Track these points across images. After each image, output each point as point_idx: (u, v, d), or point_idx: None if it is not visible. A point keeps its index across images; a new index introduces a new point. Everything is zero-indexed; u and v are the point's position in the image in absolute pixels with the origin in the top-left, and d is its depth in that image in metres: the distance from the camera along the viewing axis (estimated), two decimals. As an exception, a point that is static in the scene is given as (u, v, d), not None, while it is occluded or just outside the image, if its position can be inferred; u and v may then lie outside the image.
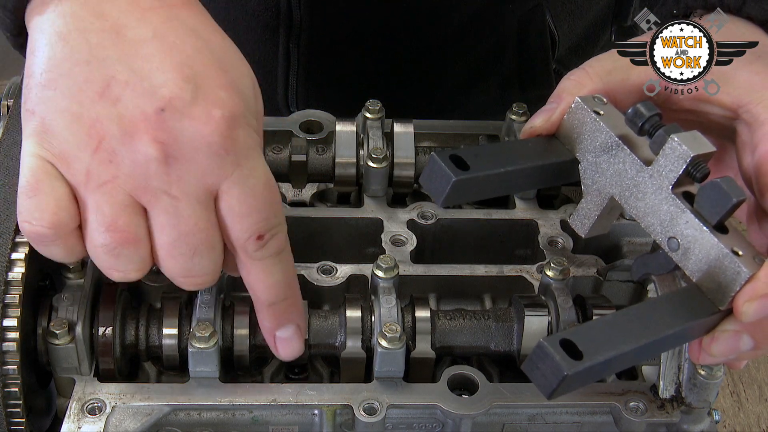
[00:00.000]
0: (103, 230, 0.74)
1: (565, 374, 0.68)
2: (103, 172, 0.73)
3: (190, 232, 0.75)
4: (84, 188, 0.74)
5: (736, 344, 0.78)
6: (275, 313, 0.83)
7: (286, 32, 1.28)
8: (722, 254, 0.76)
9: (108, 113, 0.73)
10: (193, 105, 0.73)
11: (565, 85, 0.87)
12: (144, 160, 0.73)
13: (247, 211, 0.76)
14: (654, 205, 0.79)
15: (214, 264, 0.78)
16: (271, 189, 0.78)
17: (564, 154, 0.84)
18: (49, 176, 0.75)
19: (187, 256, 0.76)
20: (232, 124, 0.75)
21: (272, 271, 0.80)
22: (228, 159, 0.75)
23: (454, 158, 0.78)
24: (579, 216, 0.85)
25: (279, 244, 0.80)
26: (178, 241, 0.75)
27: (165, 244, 0.76)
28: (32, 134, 0.76)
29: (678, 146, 0.77)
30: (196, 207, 0.75)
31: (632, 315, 0.75)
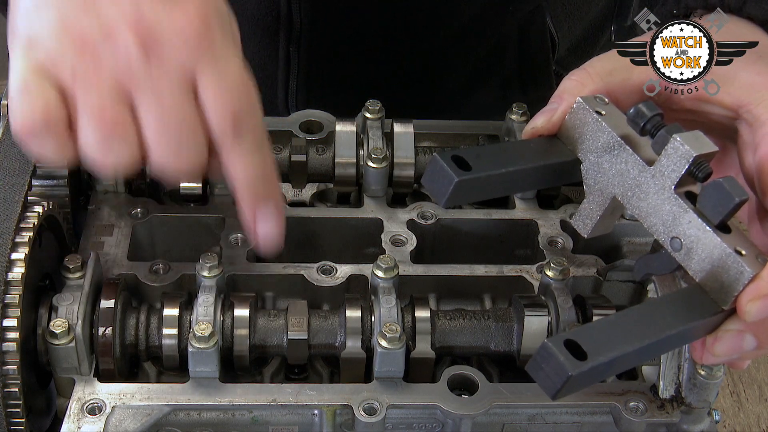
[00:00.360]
0: (92, 122, 0.78)
1: (570, 375, 0.68)
2: (88, 69, 0.78)
3: (173, 116, 0.79)
4: (71, 86, 0.78)
5: (740, 344, 0.78)
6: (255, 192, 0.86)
7: (287, 36, 1.28)
8: (725, 254, 0.76)
9: (91, 22, 0.78)
10: (170, 3, 0.79)
11: (566, 85, 0.87)
12: (125, 53, 0.78)
13: (222, 99, 0.81)
14: (656, 205, 0.79)
15: (199, 150, 0.81)
16: (247, 83, 0.83)
17: (566, 154, 0.84)
18: (37, 78, 0.79)
19: (174, 140, 0.80)
20: (207, 19, 0.80)
21: (251, 149, 0.84)
22: (203, 50, 0.80)
23: (456, 159, 0.77)
24: (581, 216, 0.85)
25: (256, 133, 0.84)
26: (163, 126, 0.79)
27: (152, 131, 0.80)
28: (19, 49, 0.80)
29: (680, 146, 0.77)
30: (176, 93, 0.79)
31: (636, 315, 0.75)
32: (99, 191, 1.03)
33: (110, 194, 1.03)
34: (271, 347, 0.91)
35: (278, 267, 0.98)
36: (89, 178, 1.03)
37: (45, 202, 0.89)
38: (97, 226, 1.00)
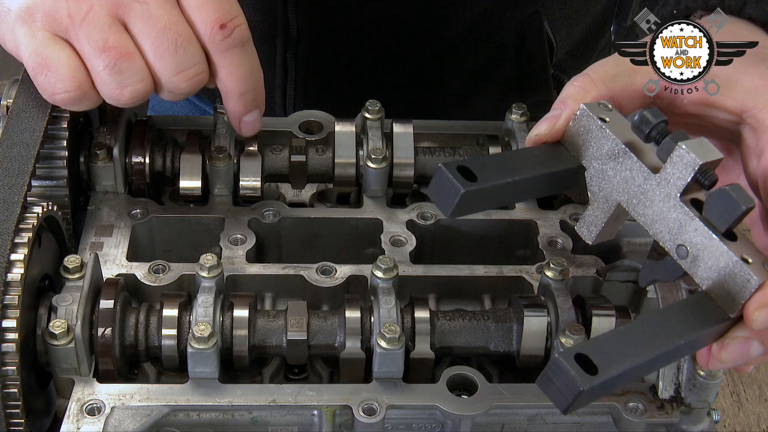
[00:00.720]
0: (99, 53, 0.86)
1: (581, 390, 0.68)
2: (81, 7, 0.86)
3: (165, 27, 0.87)
4: (73, 30, 0.86)
5: (746, 351, 0.78)
6: (244, 102, 0.95)
7: (284, 43, 1.28)
8: (732, 262, 0.76)
9: None
10: None
11: (569, 90, 0.87)
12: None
13: (202, 3, 0.88)
14: (662, 212, 0.79)
15: (199, 54, 0.89)
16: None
17: (570, 161, 0.83)
18: (49, 46, 0.87)
19: (172, 50, 0.87)
20: None
21: (240, 61, 0.92)
22: None
23: (461, 169, 0.77)
24: (586, 223, 0.85)
25: (242, 34, 0.91)
26: (159, 38, 0.87)
27: (150, 47, 0.87)
28: (18, 19, 0.88)
29: (686, 154, 0.77)
30: (164, 5, 0.87)
31: (644, 325, 0.75)
32: (99, 192, 1.03)
33: (110, 194, 1.03)
34: (270, 348, 0.91)
35: (278, 267, 0.98)
36: (89, 179, 1.03)
37: (44, 202, 0.89)
38: (97, 227, 1.00)
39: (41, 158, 0.93)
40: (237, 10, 0.91)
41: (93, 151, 1.01)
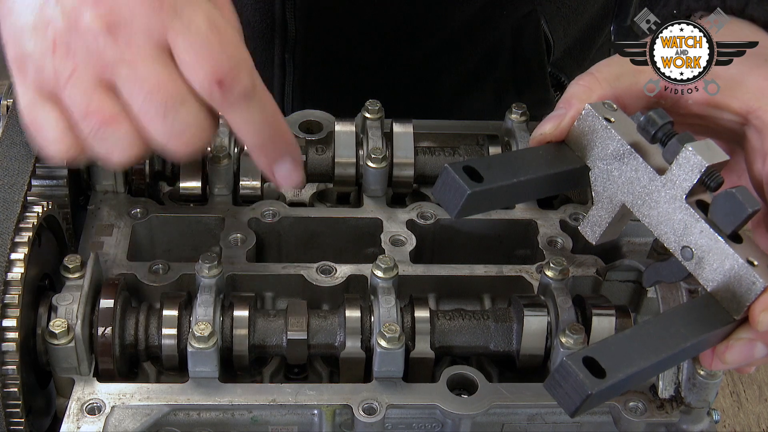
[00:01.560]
0: (82, 118, 0.80)
1: (590, 393, 0.68)
2: (66, 66, 0.79)
3: (153, 90, 0.78)
4: (59, 90, 0.80)
5: (751, 352, 0.78)
6: (266, 153, 0.86)
7: (282, 43, 1.28)
8: (737, 264, 0.76)
9: (53, 12, 0.79)
10: None
11: (573, 90, 0.86)
12: (93, 39, 0.78)
13: (196, 60, 0.79)
14: (667, 213, 0.79)
15: (193, 116, 0.80)
16: (218, 31, 0.79)
17: (574, 161, 0.83)
18: (38, 106, 0.81)
19: (160, 114, 0.79)
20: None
21: (249, 114, 0.83)
22: (164, 10, 0.78)
23: (467, 170, 0.77)
24: (590, 223, 0.85)
25: (243, 86, 0.81)
26: (146, 103, 0.78)
27: (139, 112, 0.79)
28: (14, 62, 0.82)
29: (692, 156, 0.77)
30: (153, 66, 0.78)
31: (651, 328, 0.75)
32: (99, 191, 1.03)
33: (110, 194, 1.03)
34: (270, 347, 0.91)
35: (278, 267, 0.98)
36: (88, 178, 1.03)
37: (44, 202, 0.89)
38: (97, 226, 1.00)
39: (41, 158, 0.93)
40: (237, 58, 0.80)
41: (93, 150, 1.01)
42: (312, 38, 1.27)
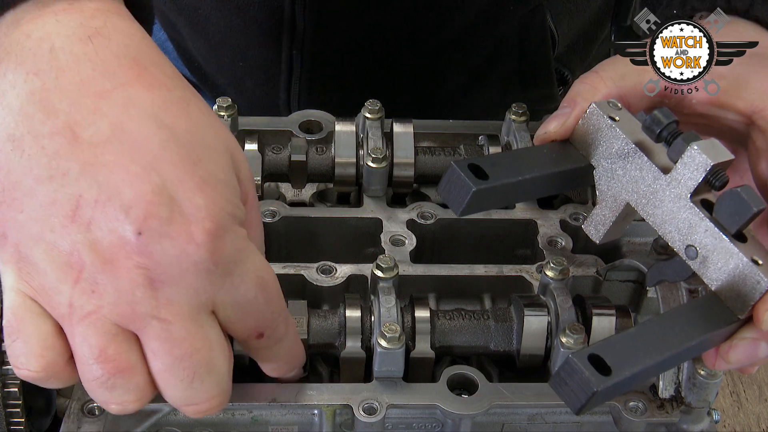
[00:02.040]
0: (92, 362, 0.69)
1: (595, 390, 0.68)
2: (86, 304, 0.68)
3: (186, 355, 0.70)
4: (69, 321, 0.69)
5: (755, 352, 0.78)
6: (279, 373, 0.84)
7: (289, 40, 1.28)
8: (742, 263, 0.76)
9: (83, 240, 0.68)
10: (171, 223, 0.68)
11: (578, 88, 0.86)
12: (128, 287, 0.68)
13: (243, 317, 0.73)
14: (672, 212, 0.79)
15: (218, 386, 0.73)
16: (266, 287, 0.74)
17: (579, 159, 0.84)
18: (32, 314, 0.70)
19: (187, 381, 0.71)
20: (217, 235, 0.69)
21: (277, 355, 0.80)
22: (218, 272, 0.70)
23: (473, 167, 0.77)
24: (593, 222, 0.85)
25: (278, 333, 0.78)
26: (174, 367, 0.70)
27: (161, 371, 0.71)
28: (9, 263, 0.70)
29: (697, 155, 0.77)
30: (190, 328, 0.70)
31: (655, 327, 0.75)
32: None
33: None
34: (270, 347, 0.91)
35: (278, 267, 0.98)
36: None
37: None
38: (97, 226, 1.00)
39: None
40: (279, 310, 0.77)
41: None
42: (320, 35, 1.28)
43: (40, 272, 0.69)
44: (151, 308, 0.69)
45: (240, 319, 0.73)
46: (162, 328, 0.69)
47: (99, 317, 0.69)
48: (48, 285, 0.69)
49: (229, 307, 0.72)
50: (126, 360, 0.70)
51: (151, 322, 0.69)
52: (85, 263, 0.68)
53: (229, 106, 1.05)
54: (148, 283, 0.68)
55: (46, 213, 0.68)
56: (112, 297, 0.68)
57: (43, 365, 0.70)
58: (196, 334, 0.70)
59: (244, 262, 0.72)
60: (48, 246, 0.68)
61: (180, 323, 0.69)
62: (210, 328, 0.71)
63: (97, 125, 0.68)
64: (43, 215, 0.68)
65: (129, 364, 0.70)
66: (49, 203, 0.68)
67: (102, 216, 0.67)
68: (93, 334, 0.69)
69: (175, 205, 0.68)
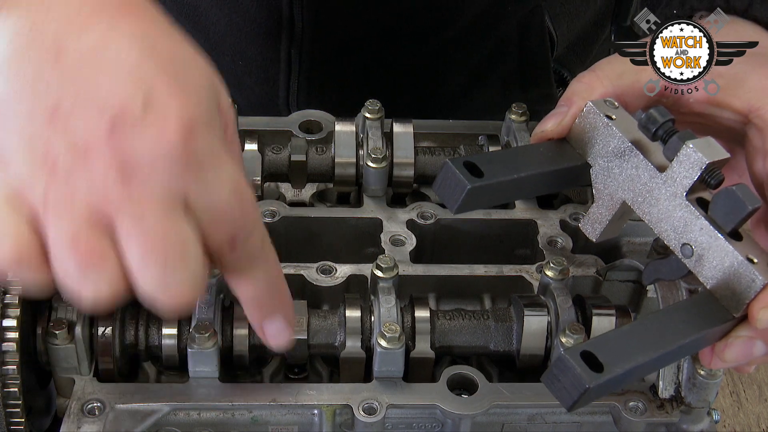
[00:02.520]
0: (65, 249, 0.70)
1: (587, 387, 0.68)
2: (60, 195, 0.69)
3: (158, 243, 0.70)
4: (44, 212, 0.70)
5: (750, 350, 0.78)
6: (260, 309, 0.81)
7: (288, 38, 1.28)
8: (737, 262, 0.76)
9: (59, 136, 0.69)
10: (144, 117, 0.69)
11: (575, 87, 0.87)
12: (101, 178, 0.69)
13: (215, 221, 0.73)
14: (667, 211, 0.79)
15: (192, 277, 0.72)
16: (240, 193, 0.74)
17: (575, 158, 0.84)
18: (6, 204, 0.70)
19: (159, 269, 0.71)
20: (189, 133, 0.70)
21: (251, 273, 0.78)
22: (189, 169, 0.71)
23: (468, 165, 0.77)
24: (590, 220, 0.85)
25: (254, 246, 0.77)
26: (147, 254, 0.70)
27: (135, 258, 0.70)
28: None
29: (693, 153, 0.77)
30: (162, 217, 0.70)
31: (649, 324, 0.75)
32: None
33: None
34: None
35: (278, 267, 0.98)
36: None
37: (45, 202, 0.89)
38: (97, 226, 1.00)
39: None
40: (253, 220, 0.75)
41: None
42: (319, 34, 1.28)
43: (16, 166, 0.70)
44: (123, 199, 0.70)
45: (213, 222, 0.73)
46: (135, 219, 0.70)
47: (72, 205, 0.69)
48: (23, 177, 0.70)
49: (202, 208, 0.72)
50: (99, 249, 0.70)
51: (124, 213, 0.70)
52: (60, 156, 0.69)
53: (229, 106, 1.05)
54: (120, 175, 0.69)
55: (25, 118, 0.70)
56: (86, 188, 0.69)
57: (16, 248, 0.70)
58: (169, 225, 0.70)
59: (218, 167, 0.73)
60: (24, 144, 0.70)
61: (152, 214, 0.70)
62: (183, 223, 0.71)
63: (82, 41, 0.71)
64: (21, 121, 0.70)
65: (102, 253, 0.70)
66: (28, 111, 0.70)
67: (78, 115, 0.69)
68: (67, 223, 0.69)
69: (150, 102, 0.70)
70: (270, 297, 0.80)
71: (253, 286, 0.78)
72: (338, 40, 1.30)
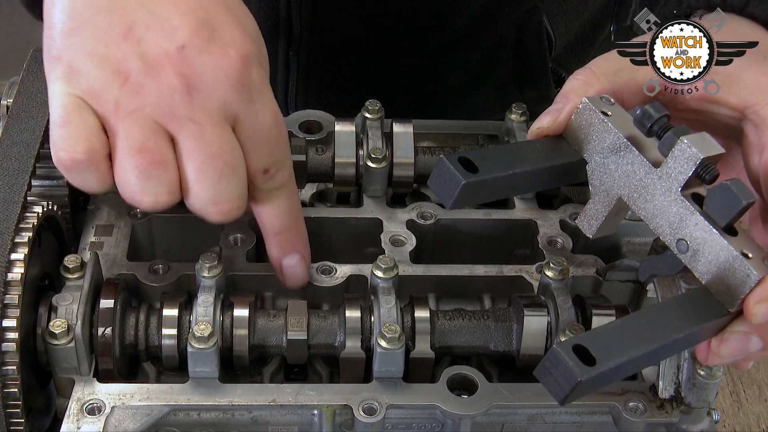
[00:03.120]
0: (133, 152, 0.79)
1: (579, 380, 0.68)
2: (131, 102, 0.79)
3: (215, 155, 0.80)
4: (114, 117, 0.79)
5: (746, 345, 0.78)
6: (281, 242, 0.91)
7: (286, 40, 1.28)
8: (732, 257, 0.76)
9: (133, 52, 0.79)
10: (210, 43, 0.80)
11: (571, 84, 0.87)
12: (169, 91, 0.79)
13: (256, 146, 0.83)
14: (663, 206, 0.80)
15: (240, 188, 0.83)
16: (279, 126, 0.85)
17: (571, 154, 0.84)
18: (79, 109, 0.79)
19: (215, 179, 0.81)
20: (246, 62, 0.81)
21: (277, 202, 0.88)
22: (243, 92, 0.81)
23: (462, 161, 0.77)
24: (586, 217, 0.85)
25: (283, 177, 0.87)
26: (205, 164, 0.80)
27: (193, 168, 0.80)
28: (60, 77, 0.80)
29: (687, 148, 0.77)
30: (219, 132, 0.80)
31: (643, 319, 0.75)
32: (99, 191, 1.03)
33: (110, 194, 1.03)
34: (270, 347, 0.91)
35: (278, 267, 0.98)
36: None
37: (45, 202, 0.89)
38: (97, 226, 1.00)
39: (41, 158, 0.93)
40: (287, 154, 0.87)
41: (93, 150, 1.01)
42: (317, 36, 1.28)
43: (90, 78, 0.79)
44: (187, 110, 0.79)
45: (255, 146, 0.83)
46: (196, 129, 0.80)
47: (142, 114, 0.79)
48: (97, 87, 0.79)
49: (248, 131, 0.82)
50: (163, 154, 0.79)
51: (187, 123, 0.79)
52: (132, 70, 0.79)
53: (228, 106, 1.05)
54: (185, 88, 0.79)
55: (101, 34, 0.80)
56: (154, 98, 0.79)
57: (87, 148, 0.79)
58: (224, 138, 0.81)
59: (265, 97, 0.84)
60: (100, 57, 0.79)
61: (211, 127, 0.80)
62: (235, 140, 0.82)
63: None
64: (98, 36, 0.80)
65: (165, 158, 0.80)
66: (105, 27, 0.80)
67: (152, 35, 0.79)
68: (136, 128, 0.79)
69: (215, 33, 0.81)
70: (290, 231, 0.91)
71: (278, 215, 0.89)
72: (336, 40, 1.30)
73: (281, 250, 0.92)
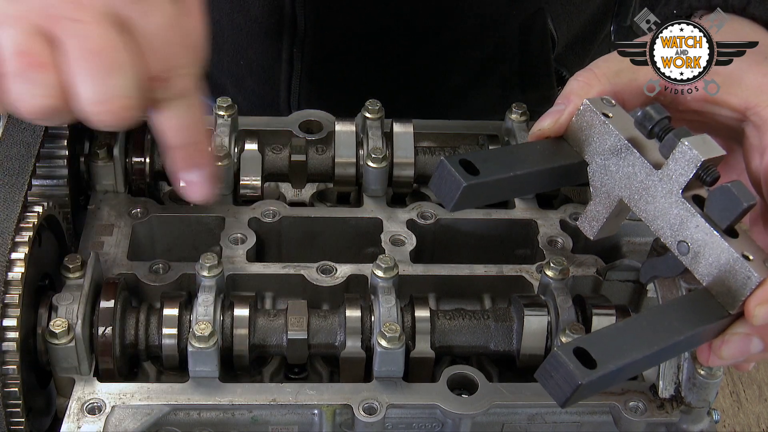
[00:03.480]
0: (11, 56, 0.76)
1: (580, 383, 0.68)
2: (10, 8, 0.77)
3: (97, 51, 0.76)
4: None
5: (747, 347, 0.78)
6: (182, 157, 0.85)
7: (290, 38, 1.28)
8: (733, 258, 0.76)
9: None
10: None
11: (572, 86, 0.87)
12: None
13: (148, 50, 0.78)
14: (664, 208, 0.80)
15: (128, 88, 0.77)
16: (176, 30, 0.80)
17: (572, 156, 0.84)
18: None
19: (99, 75, 0.77)
20: None
21: (175, 112, 0.83)
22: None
23: (463, 163, 0.77)
24: (587, 218, 0.85)
25: (182, 86, 0.82)
26: (85, 60, 0.76)
27: (76, 66, 0.77)
28: None
29: (688, 150, 0.77)
30: (101, 30, 0.77)
31: (644, 321, 0.75)
32: (99, 191, 1.03)
33: (110, 194, 1.03)
34: (270, 347, 0.91)
35: (278, 267, 0.98)
36: (89, 178, 1.03)
37: (45, 201, 0.89)
38: (97, 226, 1.00)
39: (42, 157, 0.93)
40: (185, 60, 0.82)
41: (93, 150, 1.01)
42: (321, 34, 1.28)
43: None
44: (68, 10, 0.77)
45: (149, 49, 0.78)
46: (77, 27, 0.76)
47: (20, 18, 0.76)
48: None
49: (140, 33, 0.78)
50: (42, 56, 0.76)
51: (68, 23, 0.76)
52: None
53: (229, 106, 1.05)
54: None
55: None
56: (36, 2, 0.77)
57: None
58: (108, 36, 0.77)
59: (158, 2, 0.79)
60: None
61: (93, 25, 0.77)
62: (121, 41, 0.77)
63: None
64: None
65: (45, 60, 0.76)
66: None
67: None
68: (13, 33, 0.76)
69: None
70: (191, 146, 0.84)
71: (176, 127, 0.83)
72: (340, 40, 1.30)
73: (179, 165, 0.86)
